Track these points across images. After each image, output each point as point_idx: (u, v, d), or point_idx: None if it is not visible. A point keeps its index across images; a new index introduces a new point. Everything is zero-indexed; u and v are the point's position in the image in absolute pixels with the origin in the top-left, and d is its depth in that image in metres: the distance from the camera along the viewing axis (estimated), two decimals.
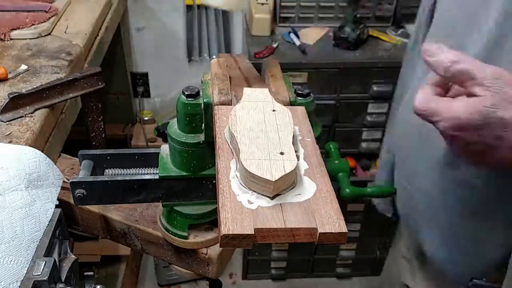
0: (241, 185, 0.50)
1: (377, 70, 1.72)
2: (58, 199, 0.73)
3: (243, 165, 0.49)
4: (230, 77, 0.66)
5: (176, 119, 0.65)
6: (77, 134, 1.09)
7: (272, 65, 0.70)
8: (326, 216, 0.47)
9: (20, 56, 1.11)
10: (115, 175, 0.73)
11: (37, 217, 0.67)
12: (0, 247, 0.61)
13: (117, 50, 1.95)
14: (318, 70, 1.71)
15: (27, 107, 0.88)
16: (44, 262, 0.62)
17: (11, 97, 0.86)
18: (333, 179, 0.76)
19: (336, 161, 0.78)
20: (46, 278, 0.60)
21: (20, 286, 0.59)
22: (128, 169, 0.73)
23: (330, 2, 1.83)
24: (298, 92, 0.64)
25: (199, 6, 2.00)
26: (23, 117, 0.87)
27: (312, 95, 0.64)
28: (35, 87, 0.90)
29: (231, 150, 0.54)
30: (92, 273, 1.58)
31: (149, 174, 0.71)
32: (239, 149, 0.51)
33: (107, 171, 0.73)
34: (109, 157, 0.73)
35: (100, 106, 0.99)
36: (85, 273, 1.56)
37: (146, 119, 2.18)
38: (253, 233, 0.45)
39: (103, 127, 1.02)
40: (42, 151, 0.75)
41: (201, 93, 0.63)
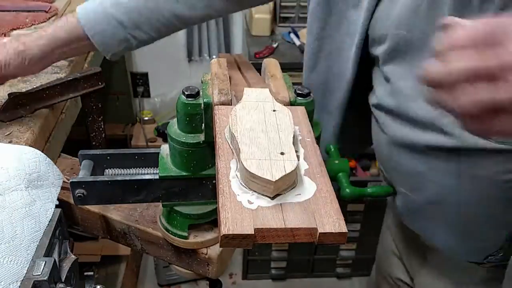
0: (241, 185, 0.50)
1: None
2: (58, 199, 0.73)
3: (243, 165, 0.49)
4: (230, 77, 0.66)
5: (176, 119, 0.65)
6: (77, 134, 1.09)
7: (272, 65, 0.70)
8: (326, 216, 0.47)
9: None
10: (115, 175, 0.73)
11: (37, 217, 0.67)
12: (0, 247, 0.61)
13: None
14: None
15: (27, 107, 0.88)
16: (44, 262, 0.62)
17: (11, 97, 0.86)
18: (333, 179, 0.76)
19: (336, 161, 0.78)
20: (46, 278, 0.60)
21: (20, 286, 0.59)
22: (128, 169, 0.73)
23: None
24: (298, 92, 0.64)
25: None
26: (23, 117, 0.87)
27: (312, 95, 0.64)
28: (35, 87, 0.90)
29: (232, 150, 0.54)
30: (92, 273, 1.59)
31: (149, 174, 0.71)
32: (239, 149, 0.51)
33: (107, 171, 0.73)
34: (109, 157, 0.73)
35: (100, 106, 0.99)
36: (85, 273, 1.56)
37: (146, 119, 2.19)
38: (253, 233, 0.45)
39: (103, 127, 1.02)
40: (42, 151, 0.75)
41: (201, 93, 0.63)
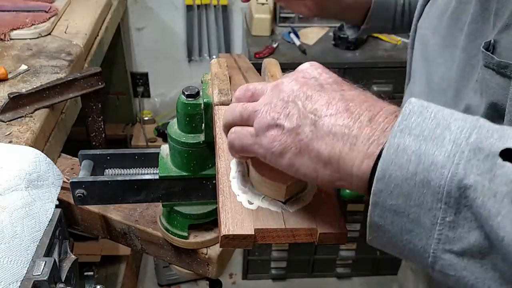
0: (241, 185, 0.50)
1: (377, 70, 1.71)
2: (58, 199, 0.73)
3: (255, 170, 0.48)
4: (230, 77, 0.66)
5: (176, 119, 0.65)
6: (77, 134, 1.09)
7: (272, 65, 0.70)
8: (326, 216, 0.47)
9: (20, 56, 1.11)
10: (115, 175, 0.73)
11: (37, 217, 0.67)
12: (0, 247, 0.61)
13: (117, 50, 1.95)
14: None
15: (27, 107, 0.88)
16: (44, 262, 0.62)
17: (11, 97, 0.86)
18: None
19: None
20: (46, 278, 0.60)
21: (20, 286, 0.59)
22: (128, 169, 0.74)
23: None
24: None
25: (199, 6, 2.00)
26: (23, 117, 0.87)
27: None
28: (35, 87, 0.90)
29: None
30: (92, 273, 1.59)
31: (149, 174, 0.71)
32: None
33: (107, 171, 0.73)
34: (109, 157, 0.73)
35: (100, 106, 0.99)
36: (85, 273, 1.57)
37: (146, 119, 2.18)
38: (253, 233, 0.45)
39: (103, 127, 1.02)
40: (42, 151, 0.75)
41: (201, 93, 0.63)
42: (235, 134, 0.46)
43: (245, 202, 0.48)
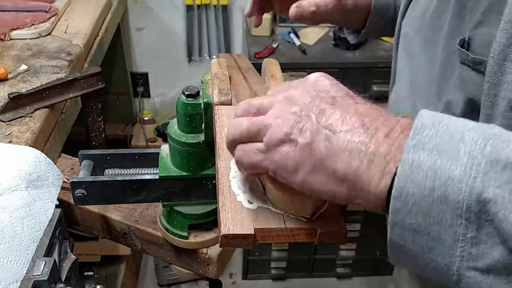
0: (241, 185, 0.50)
1: (377, 70, 1.71)
2: (58, 199, 0.73)
3: (275, 189, 0.47)
4: (230, 77, 0.66)
5: (176, 119, 0.65)
6: (77, 134, 1.09)
7: (272, 65, 0.70)
8: (326, 216, 0.47)
9: (20, 56, 1.11)
10: (115, 175, 0.73)
11: (37, 217, 0.67)
12: (0, 247, 0.61)
13: (117, 50, 1.95)
14: (318, 70, 1.70)
15: (27, 107, 0.88)
16: (44, 262, 0.62)
17: (11, 97, 0.86)
18: None
19: None
20: (46, 278, 0.60)
21: (20, 286, 0.59)
22: (128, 169, 0.74)
23: None
24: None
25: (199, 6, 2.00)
26: (23, 117, 0.87)
27: None
28: (35, 87, 0.90)
29: None
30: (92, 273, 1.59)
31: (149, 174, 0.71)
32: None
33: (107, 171, 0.73)
34: (109, 157, 0.73)
35: (100, 106, 0.99)
36: (85, 273, 1.57)
37: (146, 119, 2.18)
38: (253, 233, 0.45)
39: (103, 127, 1.02)
40: (42, 151, 0.75)
41: (201, 93, 0.63)
42: (243, 151, 0.44)
43: (245, 201, 0.48)
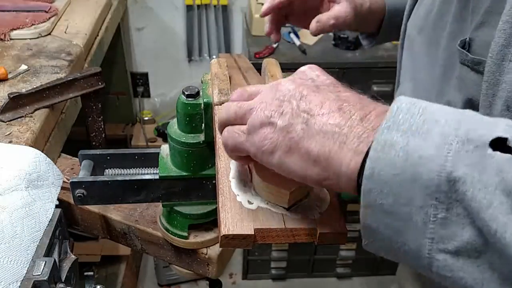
0: (241, 185, 0.50)
1: (377, 70, 1.71)
2: (58, 199, 0.73)
3: (258, 175, 0.48)
4: (230, 77, 0.66)
5: (176, 119, 0.65)
6: (77, 134, 1.09)
7: (272, 65, 0.70)
8: (326, 216, 0.47)
9: (20, 56, 1.11)
10: (115, 175, 0.73)
11: (37, 217, 0.67)
12: (0, 247, 0.61)
13: (117, 50, 1.95)
14: None
15: (27, 107, 0.88)
16: (44, 262, 0.62)
17: (11, 97, 0.86)
18: None
19: None
20: (46, 278, 0.60)
21: (20, 286, 0.59)
22: (128, 169, 0.74)
23: None
24: None
25: (199, 6, 2.00)
26: (23, 117, 0.87)
27: None
28: (35, 87, 0.90)
29: None
30: (92, 273, 1.59)
31: (149, 174, 0.71)
32: None
33: (107, 171, 0.73)
34: (109, 157, 0.73)
35: (100, 106, 0.99)
36: (85, 273, 1.57)
37: (146, 119, 2.19)
38: (253, 233, 0.45)
39: (103, 127, 1.02)
40: (42, 151, 0.75)
41: (201, 93, 0.63)
42: (228, 132, 0.46)
43: (245, 202, 0.48)
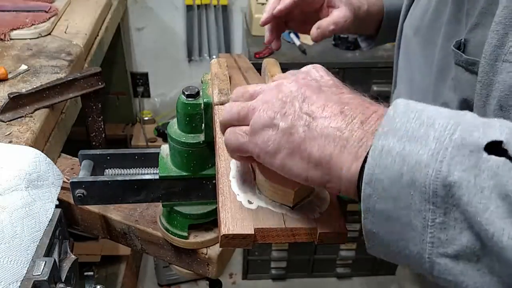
0: (241, 185, 0.50)
1: (377, 70, 1.71)
2: (58, 199, 0.73)
3: (262, 174, 0.48)
4: (230, 77, 0.66)
5: (176, 119, 0.65)
6: (77, 134, 1.09)
7: (272, 65, 0.70)
8: (326, 216, 0.47)
9: (20, 56, 1.11)
10: (115, 175, 0.73)
11: (37, 217, 0.67)
12: (0, 247, 0.61)
13: (117, 50, 1.95)
14: None
15: (27, 107, 0.88)
16: (44, 262, 0.62)
17: (11, 97, 0.86)
18: None
19: None
20: (46, 278, 0.60)
21: (20, 286, 0.59)
22: (128, 169, 0.73)
23: None
24: None
25: (199, 6, 2.00)
26: (23, 117, 0.87)
27: None
28: (35, 87, 0.90)
29: None
30: (92, 273, 1.59)
31: (149, 174, 0.71)
32: None
33: (107, 171, 0.73)
34: (109, 157, 0.73)
35: (100, 106, 0.99)
36: (85, 273, 1.56)
37: (146, 119, 2.19)
38: (253, 233, 0.45)
39: (103, 127, 1.02)
40: (42, 151, 0.75)
41: (201, 93, 0.63)
42: (231, 133, 0.46)
43: (245, 201, 0.48)
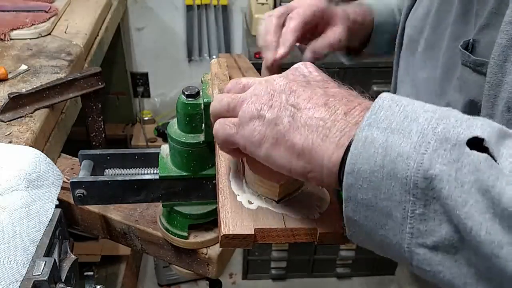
0: (241, 185, 0.50)
1: (377, 70, 1.71)
2: (58, 199, 0.73)
3: (249, 168, 0.48)
4: (230, 77, 0.66)
5: (176, 119, 0.65)
6: (77, 134, 1.09)
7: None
8: (326, 216, 0.48)
9: (20, 56, 1.11)
10: (115, 175, 0.73)
11: (37, 217, 0.67)
12: (0, 247, 0.61)
13: (117, 50, 1.95)
14: None
15: (27, 107, 0.88)
16: (44, 262, 0.62)
17: (11, 97, 0.86)
18: None
19: None
20: (46, 278, 0.60)
21: (20, 286, 0.59)
22: (128, 169, 0.73)
23: None
24: None
25: (199, 6, 2.00)
26: (23, 117, 0.87)
27: None
28: (35, 87, 0.90)
29: None
30: (92, 273, 1.59)
31: (149, 174, 0.71)
32: None
33: (107, 171, 0.73)
34: (109, 157, 0.73)
35: (100, 106, 0.99)
36: (85, 273, 1.56)
37: (146, 119, 2.19)
38: (253, 233, 0.45)
39: (103, 127, 1.02)
40: (42, 151, 0.75)
41: (201, 93, 0.63)
42: (220, 125, 0.47)
43: (245, 202, 0.48)
